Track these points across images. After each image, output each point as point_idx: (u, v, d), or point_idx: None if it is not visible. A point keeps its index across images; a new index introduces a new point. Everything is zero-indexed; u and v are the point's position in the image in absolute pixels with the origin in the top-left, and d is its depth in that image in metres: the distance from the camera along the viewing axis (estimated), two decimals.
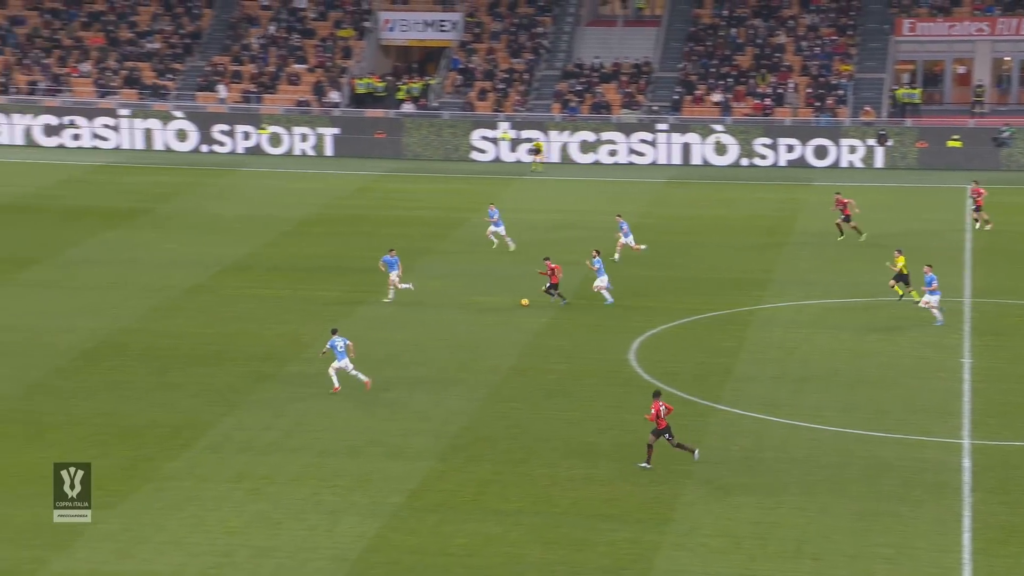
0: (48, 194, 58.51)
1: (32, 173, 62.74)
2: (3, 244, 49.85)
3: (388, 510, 28.19)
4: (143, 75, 73.58)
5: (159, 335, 39.51)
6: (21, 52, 74.61)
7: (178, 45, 75.52)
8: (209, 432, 32.31)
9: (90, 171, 63.43)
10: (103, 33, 76.15)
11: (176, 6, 78.09)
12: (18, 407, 33.79)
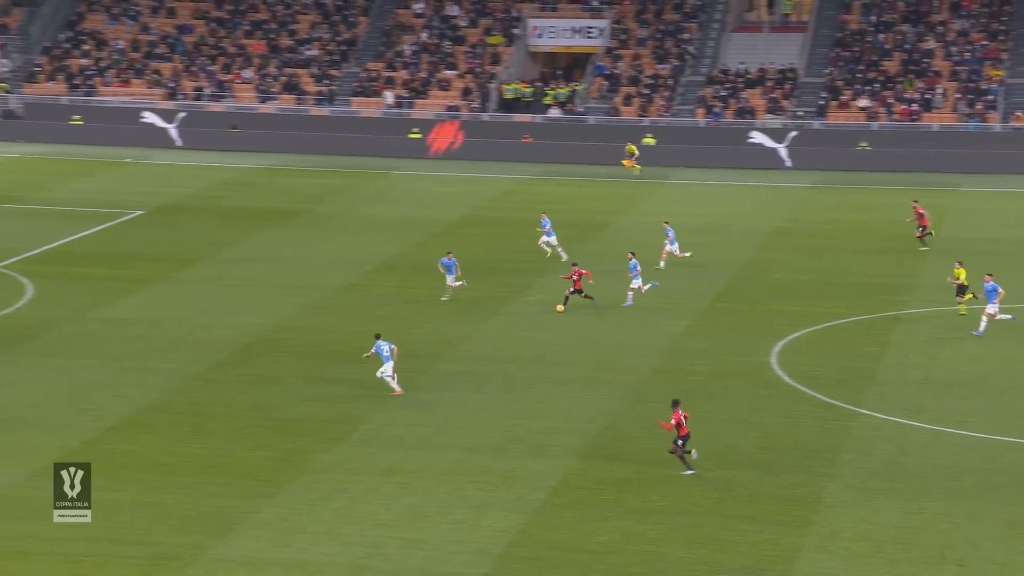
0: (210, 195, 59.76)
1: (195, 175, 64.14)
2: (167, 243, 51.03)
3: (531, 506, 28.22)
4: (301, 81, 74.78)
5: (313, 332, 40.08)
6: (188, 59, 76.35)
7: (335, 52, 76.62)
8: (360, 427, 32.69)
9: (250, 173, 64.65)
10: (265, 41, 77.57)
11: (334, 14, 79.23)
12: (181, 399, 34.56)
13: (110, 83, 74.62)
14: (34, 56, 76.89)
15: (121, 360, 37.03)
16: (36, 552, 25.98)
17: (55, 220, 53.62)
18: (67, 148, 68.51)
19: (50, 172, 63.60)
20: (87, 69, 75.28)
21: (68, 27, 78.81)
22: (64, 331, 39.44)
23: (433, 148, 69.33)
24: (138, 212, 55.73)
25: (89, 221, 53.55)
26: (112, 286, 44.51)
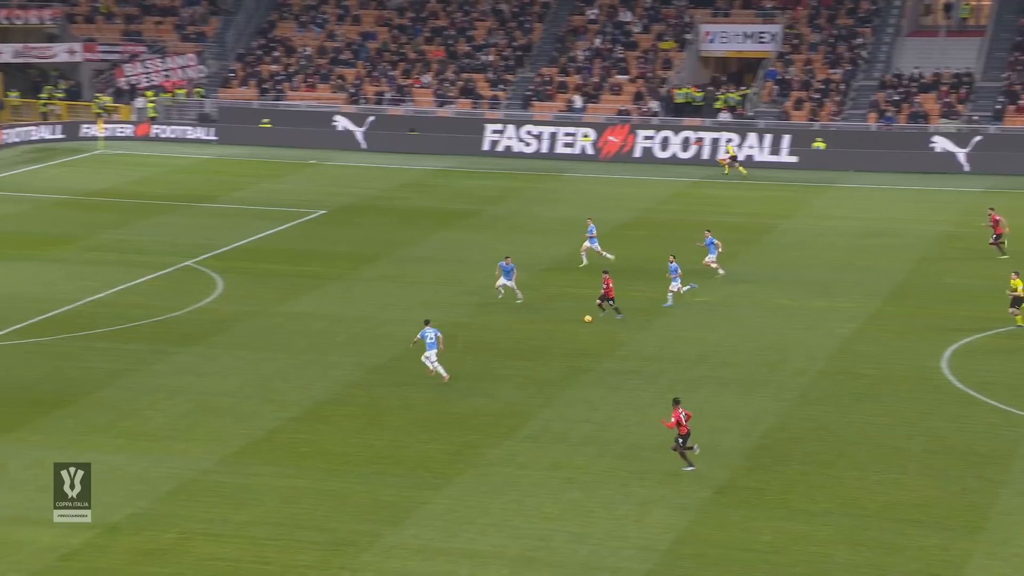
0: (389, 196, 60.56)
1: (376, 177, 65.05)
2: (348, 242, 51.86)
3: (696, 505, 27.94)
4: (477, 86, 75.34)
5: (485, 329, 40.32)
6: (371, 65, 77.51)
7: (510, 57, 76.99)
8: (529, 422, 32.76)
9: (428, 175, 65.35)
10: (443, 47, 78.35)
11: (510, 21, 79.63)
12: (360, 392, 35.07)
13: (297, 88, 76.18)
14: (228, 62, 78.91)
15: (304, 353, 37.74)
16: (225, 535, 26.63)
17: (245, 218, 54.93)
18: (257, 150, 70.14)
19: (241, 173, 65.18)
20: (277, 74, 76.97)
21: (260, 35, 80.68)
22: (251, 324, 40.35)
23: (604, 151, 69.20)
24: (321, 211, 56.76)
25: (276, 219, 54.72)
26: (296, 282, 45.40)
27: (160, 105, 74.36)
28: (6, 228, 52.47)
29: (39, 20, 78.47)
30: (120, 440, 31.43)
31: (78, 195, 58.79)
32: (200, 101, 75.08)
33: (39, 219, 54.35)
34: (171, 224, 53.88)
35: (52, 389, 34.63)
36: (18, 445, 30.81)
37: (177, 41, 79.90)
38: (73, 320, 40.43)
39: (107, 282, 44.72)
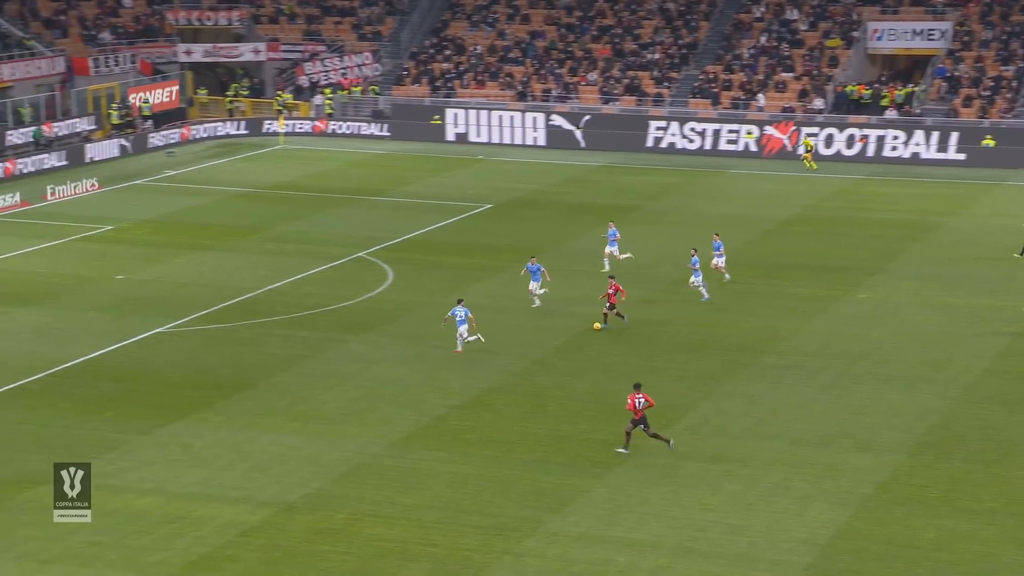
0: (555, 191, 60.64)
1: (542, 172, 65.24)
2: (513, 235, 52.09)
3: (857, 500, 27.38)
4: (642, 83, 74.98)
5: (646, 323, 40.11)
6: (539, 63, 77.71)
7: (675, 55, 76.45)
8: (688, 415, 32.50)
9: (592, 171, 65.28)
10: (610, 45, 78.14)
11: (676, 19, 79.07)
12: (523, 381, 35.20)
13: (467, 85, 76.80)
14: (402, 61, 79.90)
15: (469, 343, 37.99)
16: (393, 517, 27.00)
17: (414, 212, 55.57)
18: (427, 145, 70.91)
19: (411, 167, 65.98)
20: (448, 72, 77.69)
21: (434, 34, 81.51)
22: (419, 314, 40.80)
23: (767, 148, 68.25)
24: (487, 206, 57.11)
25: (444, 213, 55.23)
26: (462, 273, 45.76)
27: (337, 102, 75.67)
28: (193, 219, 54.00)
29: (227, 21, 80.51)
30: (295, 423, 32.09)
31: (259, 188, 60.17)
32: (374, 98, 76.20)
33: (223, 211, 55.79)
34: (345, 216, 54.80)
35: (233, 373, 35.52)
36: (202, 426, 31.69)
37: (354, 40, 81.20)
38: (253, 307, 41.39)
39: (285, 272, 45.68)
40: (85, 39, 76.85)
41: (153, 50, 77.95)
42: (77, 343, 37.48)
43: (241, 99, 77.15)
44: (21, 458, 29.49)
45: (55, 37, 75.99)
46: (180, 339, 38.23)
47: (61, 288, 42.96)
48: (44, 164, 62.06)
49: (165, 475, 28.82)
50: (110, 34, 77.51)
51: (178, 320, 39.51)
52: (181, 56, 78.24)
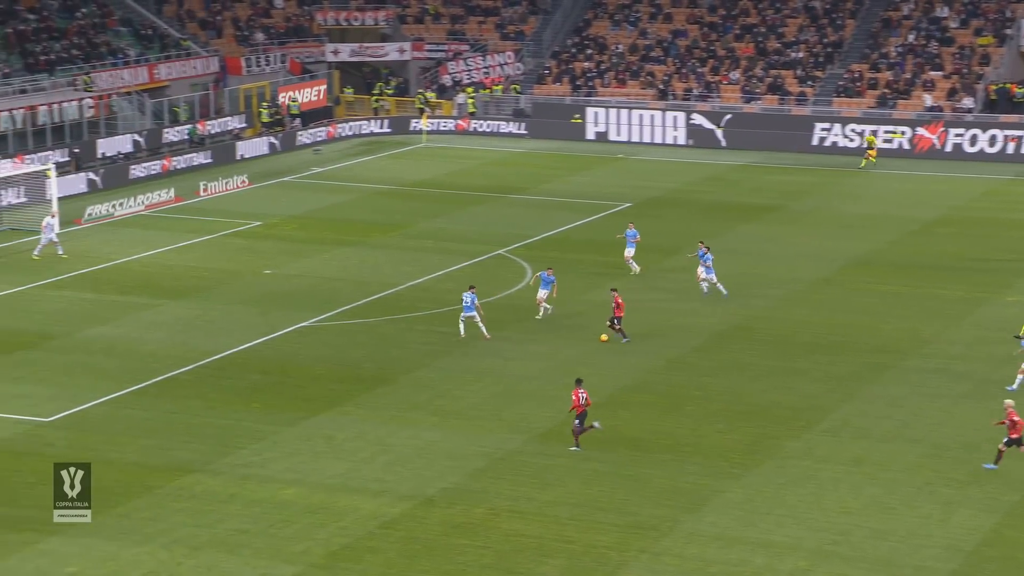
0: (694, 190, 60.16)
1: (682, 171, 64.75)
2: (651, 233, 51.79)
3: (1004, 507, 26.64)
4: (785, 82, 73.96)
5: (784, 323, 39.55)
6: (680, 62, 77.17)
7: (820, 54, 75.25)
8: (829, 416, 31.95)
9: (732, 170, 64.61)
10: (753, 44, 77.25)
11: (821, 17, 77.83)
12: (659, 380, 34.98)
13: (608, 84, 76.59)
14: (544, 60, 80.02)
15: (607, 341, 37.87)
16: (529, 512, 27.05)
17: (553, 210, 55.59)
18: (566, 144, 70.91)
19: (550, 166, 66.03)
20: (589, 71, 77.59)
21: (575, 33, 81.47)
22: (556, 312, 40.77)
23: (917, 147, 66.76)
24: (627, 204, 56.88)
25: (582, 211, 55.16)
26: (600, 271, 45.64)
27: (479, 101, 76.10)
28: (338, 216, 54.77)
29: (374, 21, 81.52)
30: (435, 418, 32.34)
31: (402, 185, 60.80)
32: (516, 97, 76.44)
33: (367, 207, 56.49)
34: (485, 214, 55.06)
35: (375, 367, 35.94)
36: (345, 418, 32.11)
37: (497, 40, 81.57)
38: (395, 303, 41.81)
39: (425, 268, 46.07)
40: (238, 39, 78.54)
41: (302, 50, 79.32)
42: (226, 336, 38.28)
43: (386, 98, 78.05)
44: (172, 447, 30.22)
45: (210, 38, 77.80)
46: (324, 333, 38.79)
47: (211, 282, 43.93)
48: (197, 161, 63.55)
49: (309, 466, 29.27)
50: (262, 34, 79.07)
51: (322, 315, 40.11)
52: (329, 56, 79.45)
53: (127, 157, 62.80)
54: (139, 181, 59.53)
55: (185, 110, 68.87)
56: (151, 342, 37.79)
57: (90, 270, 43.87)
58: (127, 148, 63.37)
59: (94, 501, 26.67)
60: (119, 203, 54.20)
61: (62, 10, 71.40)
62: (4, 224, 50.78)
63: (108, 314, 39.96)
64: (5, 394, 33.30)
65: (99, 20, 72.45)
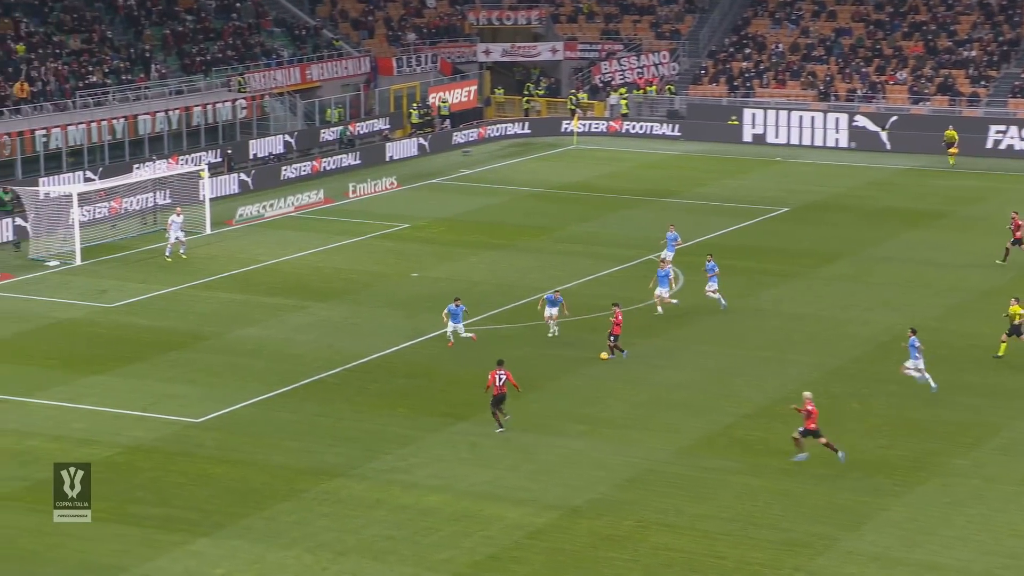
0: (856, 194, 59.07)
1: (842, 175, 63.66)
2: (810, 239, 51.01)
3: None
4: (957, 83, 72.17)
5: (952, 334, 38.56)
6: (843, 61, 75.88)
7: (995, 52, 73.26)
8: (999, 434, 31.04)
9: (897, 174, 63.26)
10: (922, 42, 75.58)
11: (996, 14, 75.78)
12: (817, 392, 34.26)
13: (767, 84, 75.68)
14: (700, 59, 79.43)
15: (760, 350, 37.41)
16: (679, 525, 26.81)
17: (707, 214, 55.09)
18: (722, 147, 70.25)
19: (705, 169, 65.48)
20: (747, 71, 76.79)
21: (733, 32, 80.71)
22: (710, 319, 40.37)
23: None
24: (784, 209, 56.10)
25: (738, 216, 54.56)
26: (756, 278, 45.08)
27: (632, 102, 75.86)
28: (486, 218, 55.09)
29: (527, 20, 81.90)
30: (581, 426, 32.26)
31: (552, 188, 60.89)
32: (670, 98, 76.00)
33: (515, 210, 56.70)
34: (636, 218, 54.82)
35: (521, 374, 35.98)
36: (490, 425, 32.21)
37: (652, 39, 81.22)
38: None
39: (575, 272, 46.03)
40: (390, 39, 79.55)
41: (453, 50, 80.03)
42: (373, 339, 38.76)
43: (537, 99, 78.29)
44: (318, 450, 30.69)
45: (362, 38, 78.94)
46: (482, 338, 39.00)
47: (359, 284, 44.52)
48: (347, 162, 64.56)
49: (454, 473, 29.45)
50: (414, 34, 79.93)
51: (470, 319, 40.35)
52: (480, 56, 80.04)
53: (278, 158, 64.12)
54: (289, 182, 60.70)
55: (337, 112, 70.01)
56: (299, 344, 38.45)
57: (240, 271, 44.82)
58: (278, 149, 64.71)
59: (242, 502, 27.26)
60: (269, 204, 55.33)
61: (219, 11, 73.19)
62: (158, 225, 52.19)
63: (257, 315, 40.80)
64: (158, 394, 34.21)
65: (254, 21, 74.07)
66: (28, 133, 55.83)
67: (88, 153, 58.33)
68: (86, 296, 42.92)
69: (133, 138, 60.04)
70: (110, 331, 39.24)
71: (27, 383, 34.69)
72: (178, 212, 47.84)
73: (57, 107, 59.20)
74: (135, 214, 53.11)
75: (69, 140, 57.05)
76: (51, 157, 56.64)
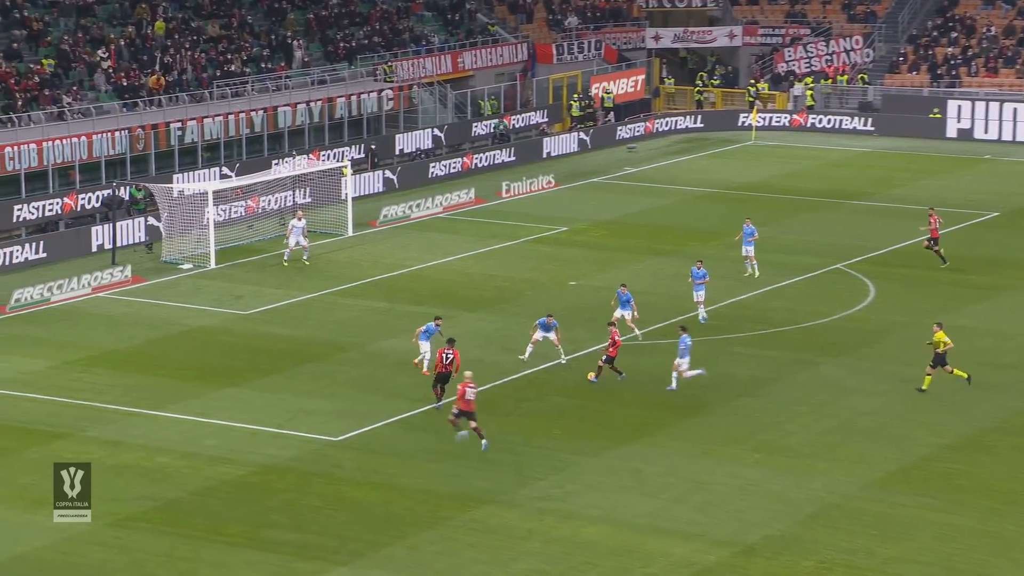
0: None
1: None
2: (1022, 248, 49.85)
3: None
4: None
5: None
6: None
7: None
8: None
9: None
10: None
11: None
12: None
13: (976, 73, 74.05)
14: (899, 45, 78.05)
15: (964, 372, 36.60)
16: (867, 569, 26.44)
17: (903, 218, 54.12)
18: (921, 143, 68.95)
19: (902, 168, 64.37)
20: (952, 58, 75.23)
21: (938, 13, 79.16)
22: (904, 336, 39.71)
23: None
24: (993, 213, 54.89)
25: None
26: (958, 292, 44.18)
27: (819, 92, 74.94)
28: (653, 221, 54.94)
29: (702, 3, 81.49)
30: (758, 454, 31.93)
31: (726, 188, 60.48)
32: (863, 88, 74.88)
33: (685, 213, 56.45)
34: (821, 222, 54.14)
35: (689, 394, 35.78)
36: (654, 450, 32.10)
37: (843, 22, 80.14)
38: (713, 322, 41.54)
39: (750, 283, 45.62)
40: (550, 24, 79.69)
41: (619, 35, 80.00)
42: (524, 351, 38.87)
43: (711, 89, 77.83)
44: (465, 474, 30.90)
45: (520, 22, 79.15)
46: (632, 353, 38.91)
47: (511, 293, 44.76)
48: (500, 159, 64.99)
49: (614, 502, 29.40)
50: (576, 19, 79.94)
51: (631, 332, 40.23)
52: (649, 42, 79.92)
53: (426, 154, 64.81)
54: (438, 180, 61.34)
55: (490, 103, 70.42)
56: None
57: (384, 277, 45.44)
58: (426, 144, 65.41)
59: (383, 529, 27.57)
60: (416, 204, 55.98)
61: None
62: None
63: (401, 325, 41.28)
64: (295, 409, 34.83)
65: (403, 4, 74.85)
66: (163, 126, 57.24)
67: (224, 148, 59.62)
68: (220, 302, 43.94)
69: (272, 131, 61.20)
70: (245, 340, 40.11)
71: (158, 395, 35.63)
72: (299, 216, 48.49)
73: (193, 98, 60.57)
74: (273, 214, 54.21)
75: (205, 134, 58.35)
76: (186, 152, 58.01)
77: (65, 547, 27.09)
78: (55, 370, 37.52)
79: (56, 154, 53.46)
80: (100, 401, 35.09)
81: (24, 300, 43.14)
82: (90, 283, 44.88)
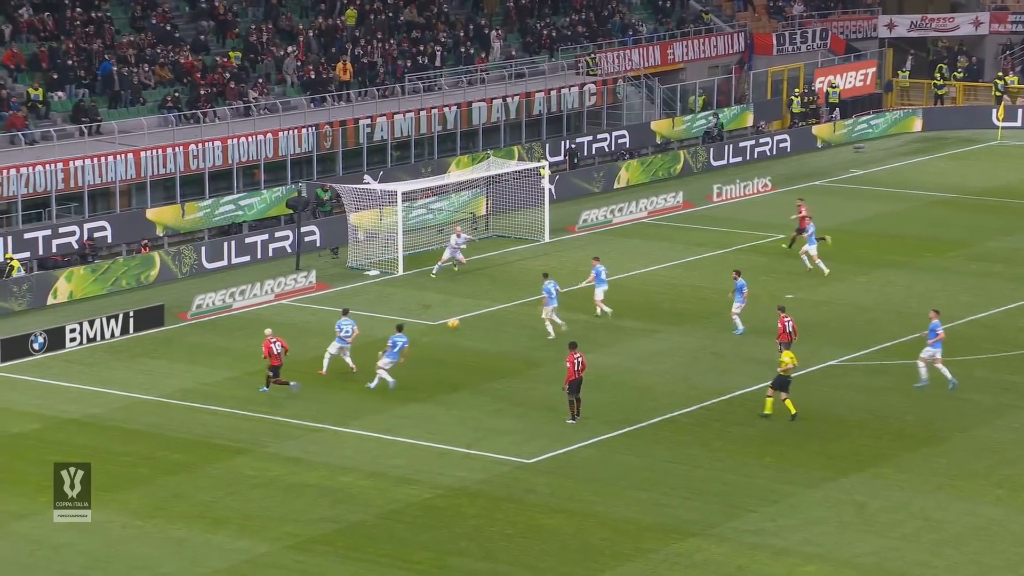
0: None
1: None
2: None
3: None
4: None
5: None
6: None
7: None
8: None
9: None
10: None
11: None
12: None
13: None
14: None
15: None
16: None
17: None
18: None
19: None
20: None
21: None
22: None
23: None
24: None
25: None
26: None
27: None
28: (881, 229, 54.18)
29: None
30: (1000, 490, 31.32)
31: (966, 193, 59.35)
32: None
33: (919, 220, 55.54)
34: None
35: (920, 421, 35.27)
36: (881, 483, 31.69)
37: None
38: (950, 341, 40.75)
39: (992, 299, 44.73)
40: (771, 12, 78.87)
41: (848, 23, 78.97)
42: (736, 372, 38.73)
43: (952, 83, 76.39)
44: (669, 503, 30.90)
45: (737, 10, 78.47)
46: (857, 375, 38.48)
47: (721, 306, 44.53)
48: (711, 160, 64.74)
49: (834, 539, 29.11)
50: (801, 6, 79.00)
51: (856, 351, 39.79)
52: (881, 31, 78.76)
53: (629, 153, 64.86)
54: (642, 183, 61.33)
55: (700, 99, 70.12)
56: (647, 375, 38.81)
57: (582, 287, 45.71)
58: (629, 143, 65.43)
59: (580, 561, 27.75)
60: (618, 208, 56.08)
61: None
62: (489, 231, 53.71)
63: (599, 339, 41.42)
64: (484, 428, 35.23)
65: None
66: (351, 123, 58.06)
67: (415, 146, 60.30)
68: (408, 311, 44.61)
69: (465, 129, 61.67)
70: (432, 353, 40.66)
71: (342, 410, 36.36)
72: (458, 232, 48.60)
73: (382, 92, 61.16)
74: (466, 218, 54.63)
75: (395, 131, 59.03)
76: (374, 150, 58.77)
77: (246, 570, 27.84)
78: (235, 381, 38.55)
79: (241, 152, 54.64)
80: (281, 415, 35.97)
81: (205, 307, 44.40)
82: (273, 289, 45.99)
